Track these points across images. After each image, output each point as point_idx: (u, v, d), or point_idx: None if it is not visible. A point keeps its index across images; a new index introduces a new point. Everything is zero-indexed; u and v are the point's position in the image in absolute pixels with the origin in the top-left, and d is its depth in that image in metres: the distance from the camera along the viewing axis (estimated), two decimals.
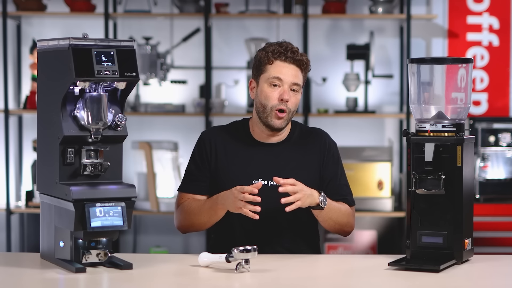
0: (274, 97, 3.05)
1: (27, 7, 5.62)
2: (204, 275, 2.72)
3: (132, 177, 5.69)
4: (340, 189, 3.15)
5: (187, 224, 3.12)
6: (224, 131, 3.19)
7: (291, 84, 3.05)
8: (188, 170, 3.19)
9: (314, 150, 3.15)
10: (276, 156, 3.11)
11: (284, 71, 3.05)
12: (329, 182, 3.14)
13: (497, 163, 5.38)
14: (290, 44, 3.10)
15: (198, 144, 3.19)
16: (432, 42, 5.85)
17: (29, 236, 5.77)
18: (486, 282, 2.69)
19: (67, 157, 2.69)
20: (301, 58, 3.07)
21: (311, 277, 2.74)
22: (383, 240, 5.64)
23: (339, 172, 3.18)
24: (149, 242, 5.87)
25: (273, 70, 3.06)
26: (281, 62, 3.06)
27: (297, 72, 3.07)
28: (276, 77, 3.05)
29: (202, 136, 3.20)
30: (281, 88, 3.05)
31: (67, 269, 2.69)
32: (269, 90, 3.06)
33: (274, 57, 3.06)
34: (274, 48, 3.07)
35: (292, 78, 3.05)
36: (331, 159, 3.16)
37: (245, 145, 3.14)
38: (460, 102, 2.89)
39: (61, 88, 2.66)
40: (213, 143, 3.15)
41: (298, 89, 3.08)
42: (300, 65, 3.07)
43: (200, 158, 3.16)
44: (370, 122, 5.87)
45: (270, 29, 5.84)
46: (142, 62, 5.54)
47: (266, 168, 3.09)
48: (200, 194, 3.14)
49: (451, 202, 2.83)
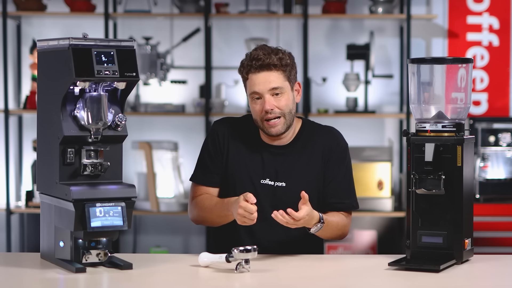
0: (258, 110, 3.04)
1: (27, 7, 5.62)
2: (204, 275, 2.72)
3: (132, 177, 5.69)
4: (339, 192, 3.12)
5: (200, 219, 3.15)
6: (236, 125, 3.18)
7: (269, 91, 3.02)
8: (201, 160, 3.18)
9: (320, 149, 3.13)
10: (284, 157, 3.10)
11: (257, 82, 3.02)
12: (330, 183, 3.12)
13: (497, 163, 5.38)
14: (260, 49, 3.04)
15: (211, 135, 3.18)
16: (432, 42, 5.85)
17: (29, 236, 5.77)
18: (486, 282, 2.69)
19: (67, 157, 2.69)
20: (269, 61, 3.00)
21: (311, 277, 2.74)
22: (383, 240, 5.64)
23: (343, 173, 3.13)
24: (149, 242, 5.87)
25: (250, 85, 3.05)
26: (252, 75, 3.03)
27: (271, 76, 3.01)
28: (253, 92, 3.04)
29: (215, 127, 3.18)
30: (262, 99, 3.03)
31: (67, 269, 2.69)
32: (254, 105, 3.06)
33: (246, 72, 3.04)
34: (245, 62, 3.05)
35: (267, 85, 3.01)
36: (336, 160, 3.12)
37: (255, 144, 3.14)
38: (460, 102, 2.89)
39: (61, 88, 2.66)
40: (226, 137, 3.15)
41: (281, 91, 3.03)
42: (271, 67, 3.01)
43: (213, 150, 3.15)
44: (370, 122, 5.87)
45: (270, 29, 5.84)
46: (142, 62, 5.54)
47: (274, 169, 3.09)
48: (213, 187, 3.15)
49: (451, 202, 2.83)
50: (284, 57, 3.04)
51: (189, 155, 5.72)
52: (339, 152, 3.14)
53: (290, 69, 3.06)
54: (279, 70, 3.02)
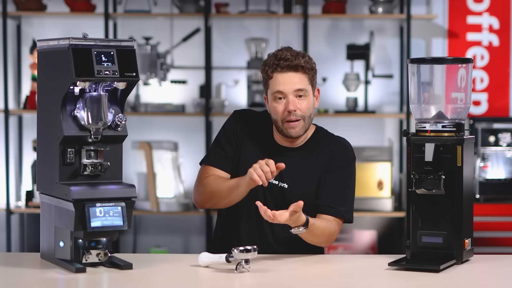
0: (280, 110, 3.04)
1: (27, 7, 5.62)
2: (204, 275, 2.72)
3: (132, 177, 5.69)
4: (330, 196, 3.07)
5: (207, 197, 3.09)
6: (255, 119, 3.19)
7: (294, 92, 3.03)
8: (217, 143, 3.17)
9: (326, 156, 3.11)
10: (292, 159, 3.09)
11: (283, 82, 3.02)
12: (323, 186, 3.08)
13: (497, 163, 5.38)
14: (286, 50, 3.06)
15: (232, 121, 3.18)
16: (432, 42, 5.85)
17: (29, 236, 5.77)
18: (486, 282, 2.69)
19: (67, 157, 2.69)
20: (297, 62, 3.02)
21: (311, 277, 2.74)
22: (383, 240, 5.65)
23: (341, 182, 3.09)
24: (149, 242, 5.87)
25: (274, 84, 3.04)
26: (278, 74, 3.03)
27: (297, 78, 3.03)
28: (278, 91, 3.03)
29: (237, 115, 3.19)
30: (286, 100, 3.03)
31: (67, 269, 2.69)
32: (275, 104, 3.05)
33: (271, 71, 3.04)
34: (270, 61, 3.05)
35: (293, 86, 3.02)
36: (337, 165, 3.10)
37: (267, 142, 3.14)
38: (460, 102, 2.89)
39: (61, 88, 2.66)
40: (243, 129, 3.15)
41: (304, 94, 3.03)
42: (298, 69, 3.03)
43: (231, 135, 3.15)
44: (370, 122, 5.87)
45: (270, 29, 5.84)
46: (142, 62, 5.54)
47: (281, 170, 3.09)
48: (224, 171, 3.13)
49: (451, 202, 2.83)
50: (310, 61, 3.06)
51: (189, 155, 5.72)
52: (344, 159, 3.12)
53: (314, 73, 3.08)
54: (304, 72, 3.04)
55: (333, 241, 3.08)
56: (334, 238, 3.07)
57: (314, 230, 2.94)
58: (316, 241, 3.03)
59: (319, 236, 3.00)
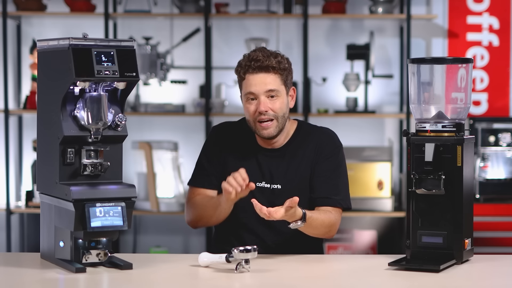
0: (252, 111, 3.06)
1: (27, 7, 5.62)
2: (204, 275, 2.72)
3: (132, 177, 5.69)
4: (325, 187, 3.09)
5: (196, 218, 3.13)
6: (235, 129, 3.20)
7: (265, 93, 3.04)
8: (200, 164, 3.20)
9: (313, 148, 3.14)
10: (279, 160, 3.10)
11: (254, 83, 3.04)
12: (316, 178, 3.10)
13: (497, 163, 5.38)
14: (259, 50, 3.06)
15: (210, 139, 3.21)
16: (432, 42, 5.85)
17: (29, 236, 5.77)
18: (486, 282, 2.69)
19: (67, 157, 2.69)
20: (268, 63, 3.03)
21: (311, 277, 2.74)
22: (383, 240, 5.65)
23: (332, 171, 3.11)
24: (149, 242, 5.87)
25: (246, 85, 3.06)
26: (250, 75, 3.04)
27: (268, 79, 3.03)
28: (249, 92, 3.05)
29: (215, 131, 3.21)
30: (257, 101, 3.05)
31: (67, 269, 2.69)
32: (248, 105, 3.07)
33: (244, 72, 3.06)
34: (243, 62, 3.07)
35: (264, 87, 3.03)
36: (326, 154, 3.12)
37: (251, 148, 3.15)
38: (460, 102, 2.89)
39: (61, 88, 2.66)
40: (225, 140, 3.16)
41: (276, 94, 3.05)
42: (270, 69, 3.03)
43: (212, 153, 3.17)
44: (370, 122, 5.87)
45: (270, 29, 5.84)
46: (142, 62, 5.54)
47: (269, 172, 3.10)
48: (211, 189, 3.15)
49: (451, 202, 2.83)
50: (283, 61, 3.06)
51: (189, 155, 5.72)
52: (331, 149, 3.14)
53: (287, 73, 3.08)
54: (276, 73, 3.05)
55: (335, 231, 3.10)
56: (336, 228, 3.08)
57: (312, 222, 2.95)
58: (317, 233, 3.04)
59: (319, 228, 3.01)
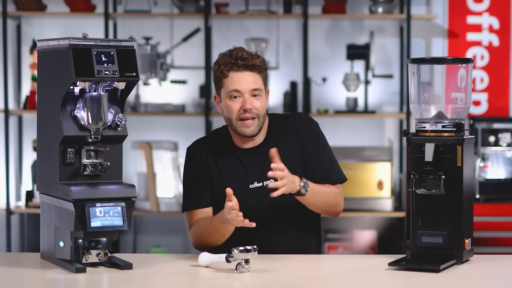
0: (236, 108, 3.05)
1: (27, 7, 5.62)
2: (204, 275, 2.72)
3: (132, 177, 5.69)
4: (322, 168, 3.11)
5: (201, 242, 3.08)
6: (209, 142, 3.18)
7: (250, 91, 3.04)
8: (187, 186, 3.15)
9: (291, 136, 3.14)
10: (264, 156, 3.09)
11: (240, 81, 3.03)
12: (310, 163, 3.11)
13: (497, 163, 5.38)
14: (240, 50, 3.07)
15: (189, 160, 3.16)
16: (432, 42, 5.85)
17: (29, 236, 5.77)
18: (486, 282, 2.69)
19: (67, 157, 2.69)
20: (253, 62, 3.04)
21: (311, 277, 2.74)
22: (383, 240, 5.65)
23: (320, 151, 3.13)
24: (149, 242, 5.87)
25: (229, 83, 3.05)
26: (234, 73, 3.04)
27: (253, 77, 3.04)
28: (234, 90, 3.04)
29: (190, 151, 3.17)
30: (242, 99, 3.04)
31: (67, 269, 2.69)
32: (230, 103, 3.05)
33: (227, 70, 3.05)
34: (224, 59, 3.06)
35: (249, 85, 3.04)
36: (308, 139, 3.13)
37: (232, 153, 3.14)
38: (460, 102, 2.88)
39: (61, 88, 2.66)
40: (203, 155, 3.13)
41: (260, 93, 3.06)
42: (254, 69, 3.04)
43: (195, 172, 3.13)
44: (370, 122, 5.87)
45: (270, 29, 5.84)
46: (142, 62, 5.54)
47: (257, 170, 3.09)
48: (205, 207, 3.11)
49: (451, 202, 2.83)
50: (264, 62, 3.10)
51: None
52: (310, 131, 3.15)
53: (266, 74, 3.12)
54: (259, 72, 3.07)
55: (341, 205, 3.11)
56: (341, 201, 3.11)
57: (314, 187, 2.98)
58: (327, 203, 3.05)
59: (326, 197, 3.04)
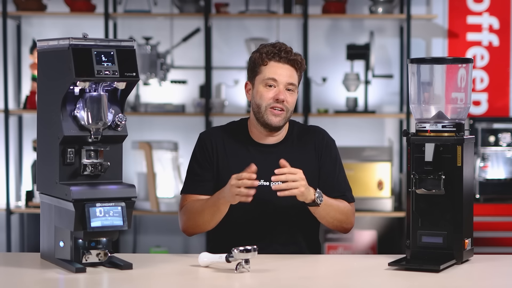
0: (269, 96, 3.06)
1: (27, 7, 5.62)
2: (204, 275, 2.72)
3: (132, 177, 5.69)
4: (338, 185, 3.15)
5: (191, 224, 3.07)
6: (223, 131, 3.18)
7: (286, 84, 3.06)
8: (191, 170, 3.17)
9: (312, 148, 3.15)
10: (276, 156, 3.09)
11: (279, 72, 3.05)
12: (327, 179, 3.14)
13: (497, 163, 5.38)
14: (284, 44, 3.10)
15: (199, 145, 3.18)
16: (432, 42, 5.85)
17: (29, 236, 5.77)
18: (486, 282, 2.69)
19: (67, 157, 2.69)
20: (295, 57, 3.08)
21: (311, 277, 2.74)
22: (383, 240, 5.64)
23: (337, 168, 3.17)
24: (149, 242, 5.87)
25: (268, 71, 3.06)
26: (275, 63, 3.06)
27: (292, 72, 3.07)
28: (271, 78, 3.05)
29: (202, 137, 3.19)
30: (277, 89, 3.06)
31: (67, 269, 2.69)
32: (265, 90, 3.07)
33: (268, 58, 3.06)
34: (268, 49, 3.08)
35: (287, 78, 3.06)
36: (328, 156, 3.16)
37: (245, 146, 3.14)
38: (460, 102, 2.89)
39: (61, 88, 2.66)
40: (214, 143, 3.14)
41: (293, 89, 3.08)
42: (294, 64, 3.07)
43: (202, 158, 3.15)
44: (370, 122, 5.87)
45: (270, 29, 5.84)
46: (142, 62, 5.54)
47: (266, 169, 3.08)
48: (204, 194, 3.11)
49: (451, 202, 2.83)
50: (304, 62, 3.13)
51: (189, 155, 5.67)
52: (330, 148, 3.18)
53: (302, 75, 3.15)
54: (298, 70, 3.10)
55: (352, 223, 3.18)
56: (352, 219, 3.17)
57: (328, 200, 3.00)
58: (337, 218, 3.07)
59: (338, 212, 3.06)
